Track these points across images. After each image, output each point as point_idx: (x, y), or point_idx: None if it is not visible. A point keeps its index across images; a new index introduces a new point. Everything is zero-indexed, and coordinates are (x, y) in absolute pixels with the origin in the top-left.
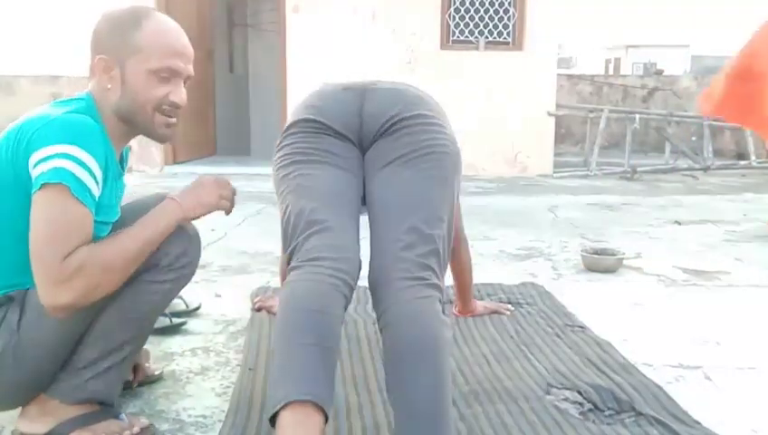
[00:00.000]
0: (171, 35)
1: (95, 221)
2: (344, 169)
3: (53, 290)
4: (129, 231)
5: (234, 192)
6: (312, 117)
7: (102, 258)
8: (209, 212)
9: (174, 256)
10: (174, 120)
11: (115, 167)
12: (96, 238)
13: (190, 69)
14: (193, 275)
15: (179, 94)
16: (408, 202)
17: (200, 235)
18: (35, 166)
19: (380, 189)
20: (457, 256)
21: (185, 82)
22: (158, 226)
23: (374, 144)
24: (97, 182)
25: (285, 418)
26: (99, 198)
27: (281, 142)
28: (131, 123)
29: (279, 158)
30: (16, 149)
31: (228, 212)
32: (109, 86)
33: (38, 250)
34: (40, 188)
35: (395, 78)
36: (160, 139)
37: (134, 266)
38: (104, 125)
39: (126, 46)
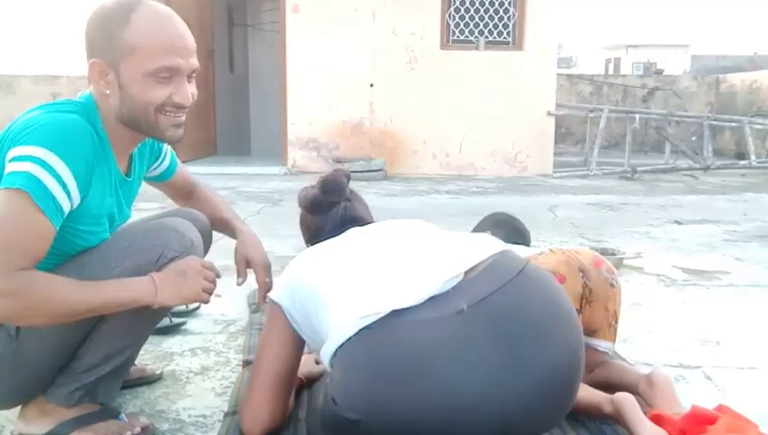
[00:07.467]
0: (165, 29)
1: (80, 231)
2: None
3: None
4: (94, 286)
5: (216, 278)
6: None
7: (50, 295)
8: (184, 304)
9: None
10: (181, 118)
11: (113, 173)
12: (82, 248)
13: (193, 62)
14: None
15: (183, 93)
16: None
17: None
18: (9, 162)
19: None
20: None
21: (190, 77)
22: (123, 298)
23: None
24: (68, 193)
25: None
26: (85, 207)
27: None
28: (136, 128)
29: None
30: (1, 144)
31: (206, 302)
32: (107, 92)
33: None
34: (3, 188)
35: (395, 78)
36: (170, 140)
37: (73, 319)
38: (105, 130)
39: (116, 48)
